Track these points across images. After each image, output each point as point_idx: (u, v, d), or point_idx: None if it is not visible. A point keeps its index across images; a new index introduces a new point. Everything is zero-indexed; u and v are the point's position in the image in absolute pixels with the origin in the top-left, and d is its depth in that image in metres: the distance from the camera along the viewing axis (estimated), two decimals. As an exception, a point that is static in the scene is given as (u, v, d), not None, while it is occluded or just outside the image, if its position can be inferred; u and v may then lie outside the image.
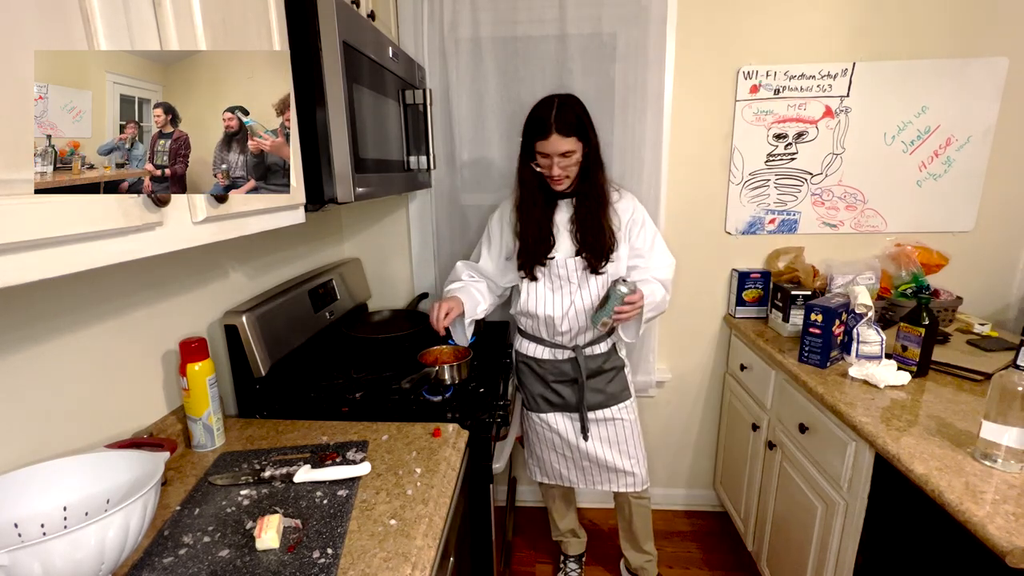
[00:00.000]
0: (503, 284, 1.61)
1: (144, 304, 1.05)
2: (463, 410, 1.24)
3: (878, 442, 1.09)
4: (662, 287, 1.50)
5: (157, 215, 0.65)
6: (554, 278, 1.49)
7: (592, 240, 1.43)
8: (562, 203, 1.49)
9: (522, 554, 2.00)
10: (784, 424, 1.55)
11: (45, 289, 0.84)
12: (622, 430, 1.57)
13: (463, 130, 1.84)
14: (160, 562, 0.76)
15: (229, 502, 0.90)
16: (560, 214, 1.48)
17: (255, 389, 1.25)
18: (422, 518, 0.86)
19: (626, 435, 1.58)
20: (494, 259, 1.59)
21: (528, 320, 1.56)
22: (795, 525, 1.47)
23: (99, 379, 0.95)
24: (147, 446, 0.92)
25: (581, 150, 1.37)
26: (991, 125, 1.77)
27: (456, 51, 1.77)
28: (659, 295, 1.47)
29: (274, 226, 0.94)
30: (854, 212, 1.88)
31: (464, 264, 1.64)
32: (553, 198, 1.48)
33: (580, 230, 1.44)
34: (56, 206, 0.51)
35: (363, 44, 1.13)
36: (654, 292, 1.45)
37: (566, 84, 1.76)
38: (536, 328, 1.55)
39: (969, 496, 0.90)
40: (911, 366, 1.37)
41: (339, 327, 1.63)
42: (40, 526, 0.71)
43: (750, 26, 1.75)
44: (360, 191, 1.12)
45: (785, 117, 1.81)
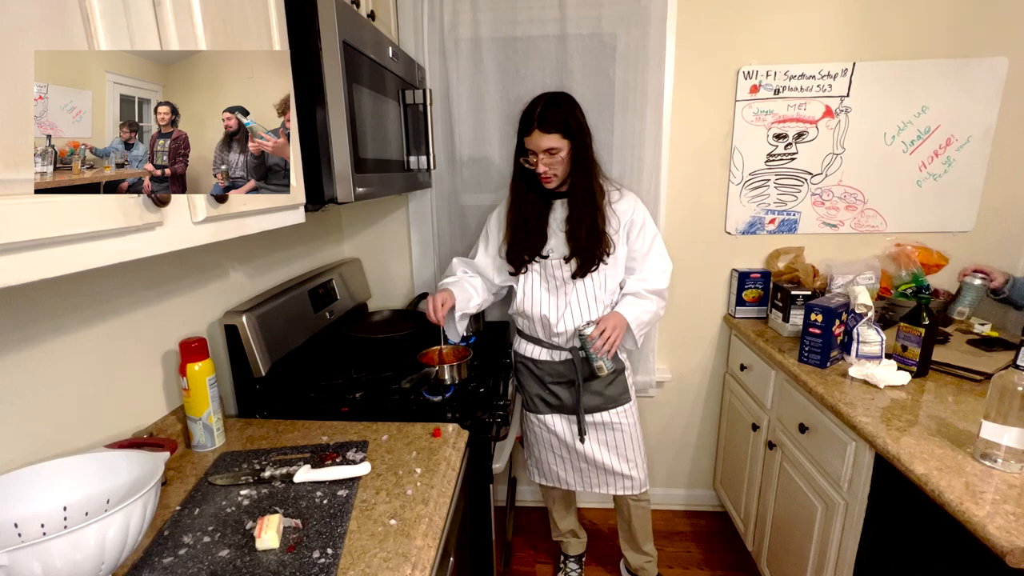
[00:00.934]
0: (498, 282, 1.61)
1: (144, 304, 1.05)
2: (463, 410, 1.24)
3: (878, 442, 1.09)
4: (653, 300, 1.50)
5: (157, 215, 0.65)
6: (549, 278, 1.49)
7: (584, 243, 1.42)
8: (557, 203, 1.48)
9: (522, 554, 2.00)
10: (784, 424, 1.55)
11: (45, 289, 0.84)
12: (621, 435, 1.56)
13: (463, 130, 1.84)
14: (160, 562, 0.76)
15: (229, 502, 0.90)
16: (555, 214, 1.48)
17: (255, 389, 1.25)
18: (422, 518, 0.86)
19: (625, 440, 1.57)
20: (490, 255, 1.59)
21: (524, 320, 1.56)
22: (795, 525, 1.47)
23: (99, 379, 0.95)
24: (147, 446, 0.92)
25: (567, 148, 1.37)
26: (991, 125, 1.77)
27: (456, 51, 1.77)
28: (650, 311, 1.48)
29: (274, 226, 0.94)
30: (854, 212, 1.88)
31: (460, 260, 1.64)
32: (548, 197, 1.48)
33: (572, 233, 1.43)
34: (56, 206, 0.51)
35: (363, 44, 1.13)
36: (642, 311, 1.47)
37: (566, 84, 1.76)
38: (532, 328, 1.55)
39: (969, 496, 0.90)
40: (911, 366, 1.37)
41: (339, 327, 1.63)
42: (40, 526, 0.71)
43: (750, 26, 1.75)
44: (360, 191, 1.12)
45: (785, 117, 1.81)
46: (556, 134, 1.34)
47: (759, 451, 1.70)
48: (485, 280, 1.60)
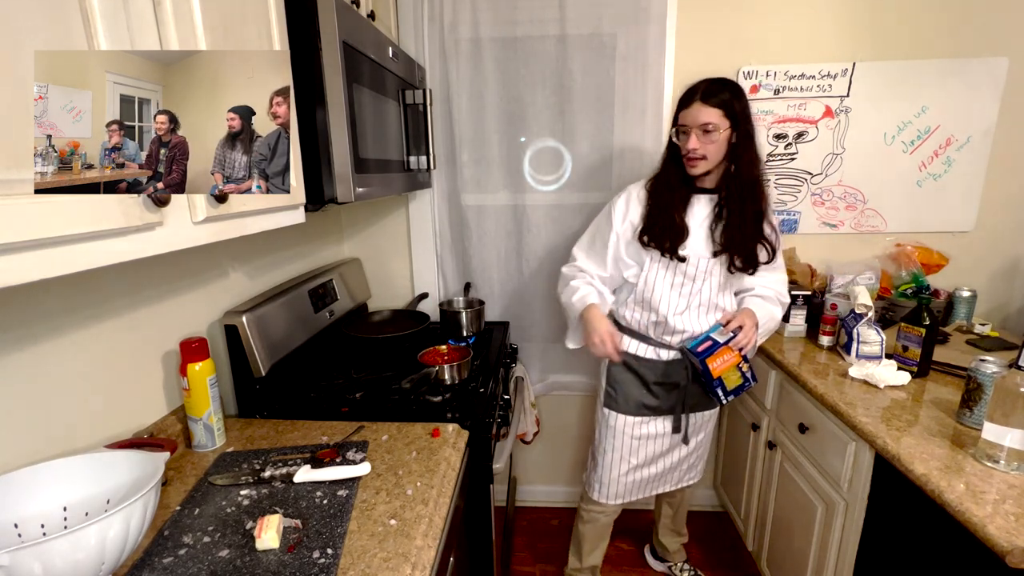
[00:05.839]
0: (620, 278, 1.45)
1: (144, 304, 1.05)
2: (463, 410, 1.24)
3: (878, 442, 1.09)
4: (780, 309, 1.44)
5: (157, 215, 0.65)
6: (679, 274, 1.36)
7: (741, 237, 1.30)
8: (700, 198, 1.35)
9: (522, 554, 2.00)
10: (784, 424, 1.55)
11: (45, 289, 0.84)
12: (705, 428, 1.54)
13: (463, 130, 1.84)
14: (160, 562, 0.76)
15: (229, 502, 0.90)
16: (695, 210, 1.35)
17: (255, 389, 1.25)
18: (422, 518, 0.86)
19: (708, 431, 1.56)
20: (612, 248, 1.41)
21: (638, 314, 1.42)
22: (795, 525, 1.47)
23: (99, 379, 0.95)
24: (147, 446, 0.92)
25: (727, 131, 1.24)
26: (991, 125, 1.77)
27: (456, 51, 1.77)
28: (776, 319, 1.42)
29: (274, 226, 0.94)
30: (854, 212, 1.88)
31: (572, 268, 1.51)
32: (689, 191, 1.34)
33: (725, 226, 1.31)
34: (56, 206, 0.51)
35: (363, 44, 1.13)
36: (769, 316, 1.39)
37: (566, 84, 1.76)
38: (644, 324, 1.42)
39: (969, 496, 0.90)
40: (911, 366, 1.37)
41: (339, 327, 1.63)
42: (40, 526, 0.71)
43: (750, 26, 1.75)
44: (360, 191, 1.12)
45: (785, 117, 1.81)
46: (718, 110, 1.22)
47: (759, 451, 1.70)
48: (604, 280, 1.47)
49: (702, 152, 1.25)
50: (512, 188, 1.90)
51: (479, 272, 1.98)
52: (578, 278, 1.46)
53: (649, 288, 1.38)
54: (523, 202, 1.89)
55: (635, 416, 1.46)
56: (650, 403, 1.45)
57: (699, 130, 1.24)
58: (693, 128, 1.24)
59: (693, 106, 1.24)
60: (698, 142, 1.25)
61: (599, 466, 1.54)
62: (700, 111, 1.23)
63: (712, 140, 1.24)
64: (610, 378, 1.49)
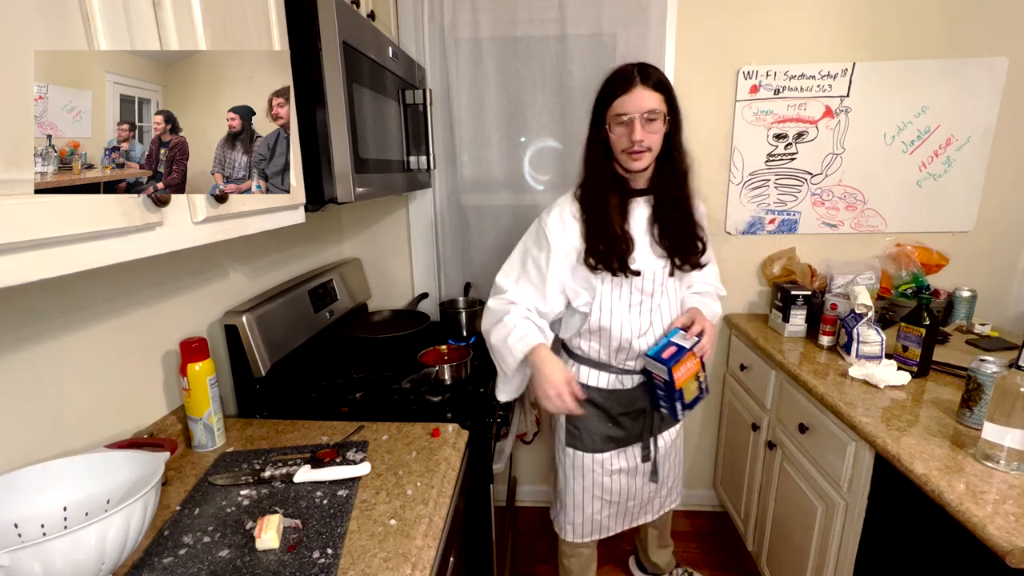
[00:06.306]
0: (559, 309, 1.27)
1: (144, 304, 1.05)
2: (463, 410, 1.24)
3: (878, 442, 1.09)
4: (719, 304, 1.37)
5: (157, 215, 0.65)
6: (634, 291, 1.23)
7: (683, 236, 1.21)
8: (638, 201, 1.22)
9: (522, 554, 2.00)
10: (784, 424, 1.55)
11: (45, 289, 0.84)
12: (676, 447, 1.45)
13: (463, 130, 1.84)
14: (160, 562, 0.76)
15: (229, 502, 0.90)
16: (635, 216, 1.22)
17: (255, 389, 1.25)
18: (422, 518, 0.86)
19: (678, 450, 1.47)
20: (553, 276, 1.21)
21: (593, 342, 1.29)
22: (795, 525, 1.47)
23: (99, 379, 0.95)
24: (147, 446, 0.92)
25: (664, 119, 1.12)
26: (991, 125, 1.77)
27: (456, 51, 1.77)
28: (718, 316, 1.34)
29: (274, 226, 0.94)
30: (854, 212, 1.88)
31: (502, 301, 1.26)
32: (626, 195, 1.21)
33: (666, 228, 1.20)
34: (56, 206, 0.51)
35: (363, 44, 1.14)
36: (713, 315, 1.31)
37: (566, 84, 1.76)
38: (600, 352, 1.29)
39: (969, 496, 0.90)
40: (911, 366, 1.37)
41: (339, 327, 1.63)
42: (40, 526, 0.71)
43: (750, 26, 1.75)
44: (360, 191, 1.12)
45: (785, 117, 1.81)
46: (659, 95, 1.10)
47: (759, 451, 1.70)
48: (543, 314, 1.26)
49: (648, 143, 1.11)
50: (512, 188, 1.90)
51: (479, 272, 1.98)
52: (512, 313, 1.22)
53: (606, 314, 1.23)
54: (523, 202, 1.89)
55: (602, 452, 1.35)
56: (617, 435, 1.34)
57: (642, 118, 1.09)
58: (637, 116, 1.09)
59: (635, 91, 1.09)
60: (643, 132, 1.10)
61: (568, 508, 1.42)
62: (643, 96, 1.09)
63: (654, 130, 1.11)
64: (570, 415, 1.31)
